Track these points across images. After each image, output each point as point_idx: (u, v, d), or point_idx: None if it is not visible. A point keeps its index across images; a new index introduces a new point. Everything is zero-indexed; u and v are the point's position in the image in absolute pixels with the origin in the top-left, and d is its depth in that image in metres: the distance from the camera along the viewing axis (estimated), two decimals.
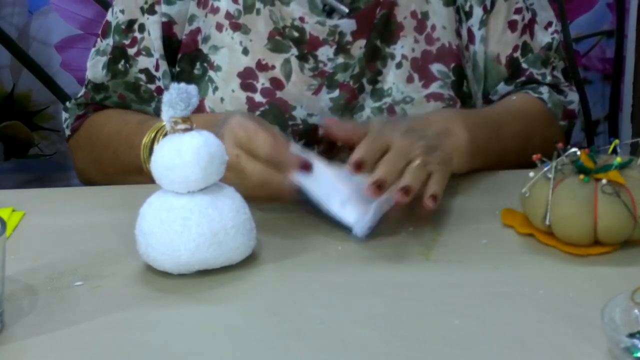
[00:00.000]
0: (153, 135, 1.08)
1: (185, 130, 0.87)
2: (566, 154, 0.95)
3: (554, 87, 1.27)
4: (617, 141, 0.96)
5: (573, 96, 1.28)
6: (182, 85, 0.87)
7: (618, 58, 2.07)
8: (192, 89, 0.87)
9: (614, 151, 0.96)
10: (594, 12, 2.03)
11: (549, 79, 1.26)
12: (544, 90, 1.25)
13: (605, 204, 0.90)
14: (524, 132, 1.18)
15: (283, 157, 0.94)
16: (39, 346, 0.78)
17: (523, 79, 1.25)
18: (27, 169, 2.03)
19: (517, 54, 1.25)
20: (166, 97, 0.87)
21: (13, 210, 1.05)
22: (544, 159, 0.95)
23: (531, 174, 0.94)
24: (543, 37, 1.26)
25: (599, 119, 2.11)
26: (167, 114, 0.87)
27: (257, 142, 0.94)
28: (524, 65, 1.25)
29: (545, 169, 0.93)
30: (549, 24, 1.28)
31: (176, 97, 0.86)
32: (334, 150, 1.07)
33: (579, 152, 0.95)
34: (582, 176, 0.91)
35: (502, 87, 1.25)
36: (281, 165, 0.93)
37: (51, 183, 2.02)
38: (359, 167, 0.92)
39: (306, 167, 0.93)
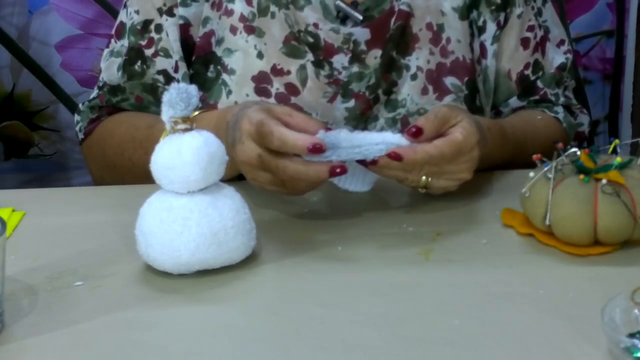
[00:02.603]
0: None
1: (185, 130, 0.87)
2: (566, 154, 0.95)
3: (566, 108, 1.28)
4: (617, 141, 0.96)
5: (583, 119, 1.30)
6: (182, 85, 0.87)
7: (618, 58, 2.06)
8: (192, 89, 0.87)
9: (614, 151, 0.96)
10: (594, 12, 2.03)
11: (562, 99, 1.27)
12: (560, 110, 1.26)
13: (605, 204, 0.90)
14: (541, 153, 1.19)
15: (290, 145, 0.92)
16: (39, 346, 0.78)
17: (537, 97, 1.26)
18: (27, 169, 2.03)
19: (528, 72, 1.25)
20: (166, 97, 0.87)
21: (13, 210, 1.05)
22: (544, 159, 0.95)
23: (531, 174, 0.94)
24: (555, 55, 1.27)
25: (599, 119, 2.11)
26: (167, 114, 0.87)
27: (265, 137, 0.92)
28: (539, 85, 1.26)
29: (545, 169, 0.93)
30: (562, 42, 1.29)
31: (176, 97, 0.86)
32: None
33: (579, 152, 0.95)
34: (582, 176, 0.91)
35: (514, 102, 1.26)
36: (292, 150, 0.92)
37: (51, 183, 2.02)
38: (417, 135, 0.94)
39: (316, 148, 0.92)
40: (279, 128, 0.92)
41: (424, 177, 0.98)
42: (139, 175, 1.14)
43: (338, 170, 0.91)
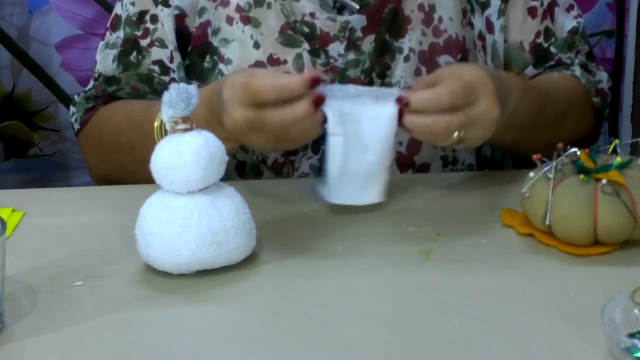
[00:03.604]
0: None
1: (185, 130, 0.87)
2: (566, 154, 0.95)
3: (583, 67, 1.27)
4: (617, 141, 0.96)
5: (601, 76, 1.29)
6: (182, 85, 0.87)
7: (618, 58, 2.06)
8: (192, 89, 0.87)
9: (614, 151, 0.96)
10: (594, 12, 2.03)
11: (577, 61, 1.26)
12: (576, 68, 1.26)
13: (605, 204, 0.90)
14: (563, 110, 1.19)
15: (291, 92, 0.93)
16: (39, 346, 0.78)
17: (552, 63, 1.26)
18: (27, 169, 2.03)
19: (540, 40, 1.24)
20: (166, 97, 0.87)
21: (13, 210, 1.05)
22: (544, 159, 0.95)
23: (531, 174, 0.94)
24: (565, 19, 1.26)
25: None
26: (167, 114, 0.87)
27: (257, 92, 0.93)
28: (553, 50, 1.25)
29: (545, 169, 0.93)
30: (571, 6, 1.28)
31: (176, 97, 0.86)
32: None
33: (579, 152, 0.95)
34: (582, 176, 0.91)
35: (530, 71, 1.25)
36: (294, 99, 0.93)
37: (51, 183, 2.01)
38: (402, 104, 0.94)
39: (315, 80, 0.94)
40: (268, 80, 0.93)
41: (455, 133, 0.96)
42: (136, 158, 1.14)
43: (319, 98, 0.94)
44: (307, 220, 1.01)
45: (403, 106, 0.94)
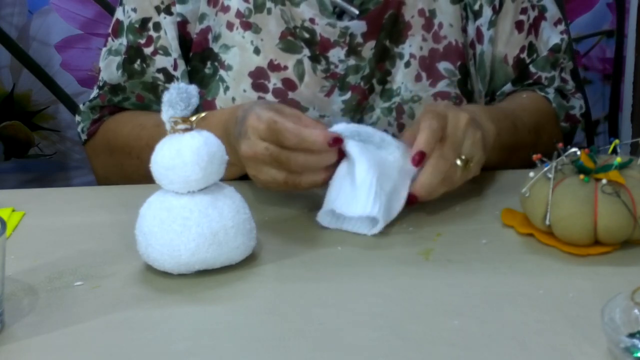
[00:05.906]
0: None
1: (185, 130, 0.87)
2: (566, 154, 0.95)
3: (559, 91, 1.27)
4: (617, 141, 0.96)
5: (575, 102, 1.29)
6: (182, 85, 0.87)
7: (618, 58, 2.07)
8: (192, 89, 0.87)
9: (614, 151, 0.96)
10: (594, 12, 2.03)
11: (556, 82, 1.26)
12: (550, 90, 1.26)
13: (605, 204, 0.90)
14: (535, 127, 1.20)
15: (311, 145, 0.94)
16: (39, 346, 0.78)
17: (530, 81, 1.26)
18: (27, 169, 2.03)
19: (524, 55, 1.25)
20: (166, 97, 0.87)
21: (13, 210, 1.05)
22: (544, 159, 0.95)
23: (531, 174, 0.94)
24: (551, 34, 1.26)
25: (599, 119, 2.11)
26: (167, 114, 0.87)
27: (280, 132, 0.94)
28: (532, 69, 1.25)
29: (545, 169, 0.93)
30: (559, 20, 1.28)
31: (176, 97, 0.86)
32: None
33: (579, 152, 0.95)
34: (582, 176, 0.91)
35: (507, 88, 1.25)
36: (312, 146, 0.94)
37: (51, 183, 2.02)
38: (421, 160, 0.96)
39: (336, 141, 0.95)
40: (294, 125, 0.94)
41: (458, 160, 0.98)
42: (146, 173, 1.14)
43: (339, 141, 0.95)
44: (307, 221, 1.01)
45: (422, 161, 0.96)
